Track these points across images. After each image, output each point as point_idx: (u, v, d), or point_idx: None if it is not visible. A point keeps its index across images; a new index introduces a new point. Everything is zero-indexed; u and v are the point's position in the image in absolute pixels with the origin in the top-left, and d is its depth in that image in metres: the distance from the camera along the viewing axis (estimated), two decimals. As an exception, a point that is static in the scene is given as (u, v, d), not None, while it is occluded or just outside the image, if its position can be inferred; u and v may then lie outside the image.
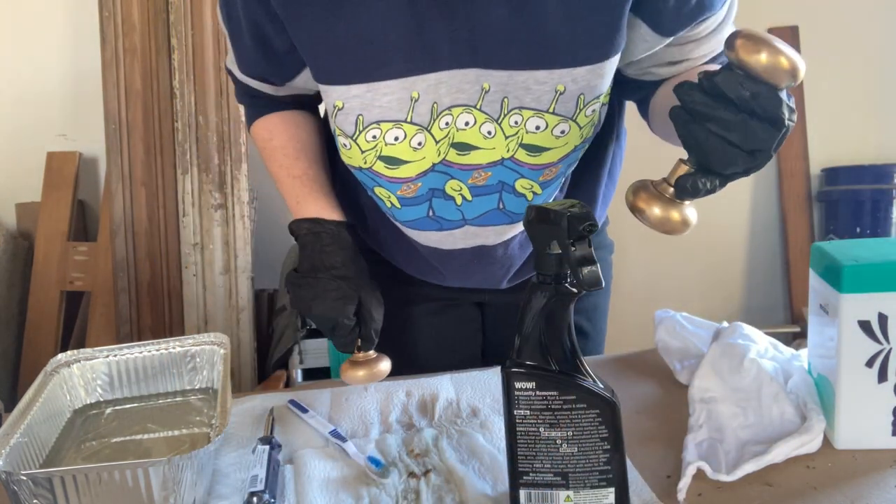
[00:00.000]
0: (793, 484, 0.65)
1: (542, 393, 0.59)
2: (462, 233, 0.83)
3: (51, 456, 0.73)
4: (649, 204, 0.60)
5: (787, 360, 0.80)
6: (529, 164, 0.77)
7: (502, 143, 0.75)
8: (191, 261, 1.98)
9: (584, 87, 0.72)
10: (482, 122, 0.74)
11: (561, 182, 0.83)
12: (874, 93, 2.36)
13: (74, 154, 2.08)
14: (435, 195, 0.80)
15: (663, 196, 0.60)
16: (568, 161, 0.79)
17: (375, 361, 0.80)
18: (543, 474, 0.60)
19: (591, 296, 1.05)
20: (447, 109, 0.73)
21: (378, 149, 0.76)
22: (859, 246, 0.70)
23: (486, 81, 0.71)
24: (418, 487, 0.66)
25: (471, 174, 0.78)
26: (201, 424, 0.79)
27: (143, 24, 1.96)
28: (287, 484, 0.68)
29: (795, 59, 0.53)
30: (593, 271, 0.58)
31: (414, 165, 0.77)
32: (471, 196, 0.79)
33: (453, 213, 0.81)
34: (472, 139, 0.75)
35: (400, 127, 0.74)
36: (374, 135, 0.75)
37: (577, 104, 0.73)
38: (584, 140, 0.78)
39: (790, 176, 2.35)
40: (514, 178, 0.78)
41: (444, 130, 0.74)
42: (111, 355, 0.84)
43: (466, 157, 0.76)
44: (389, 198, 0.82)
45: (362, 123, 0.75)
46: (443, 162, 0.77)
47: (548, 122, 0.74)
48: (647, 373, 0.88)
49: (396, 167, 0.77)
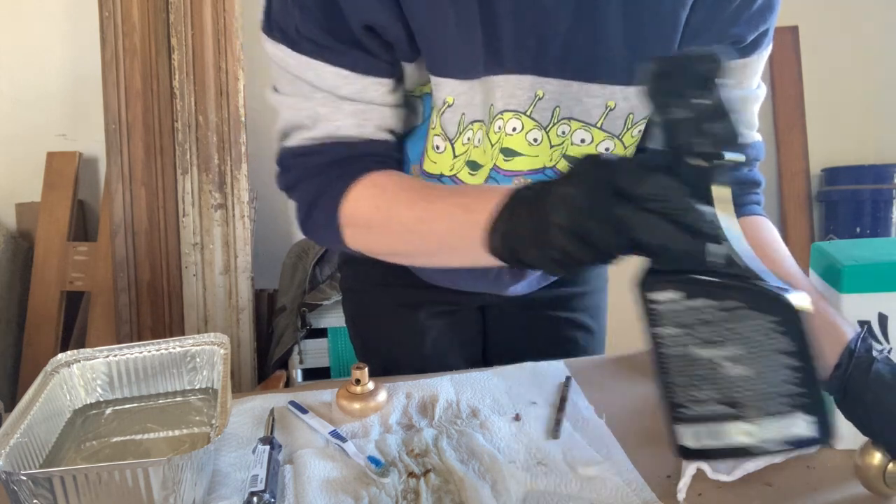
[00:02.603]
0: (793, 484, 0.65)
1: (693, 303, 0.49)
2: None
3: (51, 456, 0.73)
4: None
5: (787, 360, 0.79)
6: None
7: (546, 151, 0.76)
8: (191, 261, 1.98)
9: (634, 107, 0.72)
10: (529, 129, 0.74)
11: None
12: (874, 93, 2.36)
13: (74, 154, 2.08)
14: None
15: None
16: None
17: (372, 395, 0.80)
18: (707, 405, 0.50)
19: (592, 294, 1.05)
20: (500, 114, 0.73)
21: (468, 152, 0.76)
22: (859, 246, 0.70)
23: (541, 89, 0.71)
24: (418, 487, 0.66)
25: (511, 180, 0.78)
26: (201, 424, 0.79)
27: (143, 24, 1.96)
28: (287, 484, 0.68)
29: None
30: (728, 125, 0.47)
31: (483, 171, 0.78)
32: None
33: None
34: (517, 145, 0.75)
35: (480, 128, 0.74)
36: (468, 137, 0.75)
37: (625, 122, 0.74)
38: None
39: (790, 176, 2.35)
40: None
41: (497, 134, 0.74)
42: (111, 355, 0.84)
43: (510, 162, 0.76)
44: None
45: (463, 123, 0.74)
46: (494, 168, 0.77)
47: (594, 136, 0.74)
48: (647, 373, 0.87)
49: (476, 172, 0.78)
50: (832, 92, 2.33)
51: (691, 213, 0.48)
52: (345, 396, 0.80)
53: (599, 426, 0.75)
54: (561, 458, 0.70)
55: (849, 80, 2.34)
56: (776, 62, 2.28)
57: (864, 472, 0.61)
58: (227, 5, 1.96)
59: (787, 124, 2.32)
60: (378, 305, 1.05)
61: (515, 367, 0.89)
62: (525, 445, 0.72)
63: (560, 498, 0.64)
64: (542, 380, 0.86)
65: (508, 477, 0.66)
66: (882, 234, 2.27)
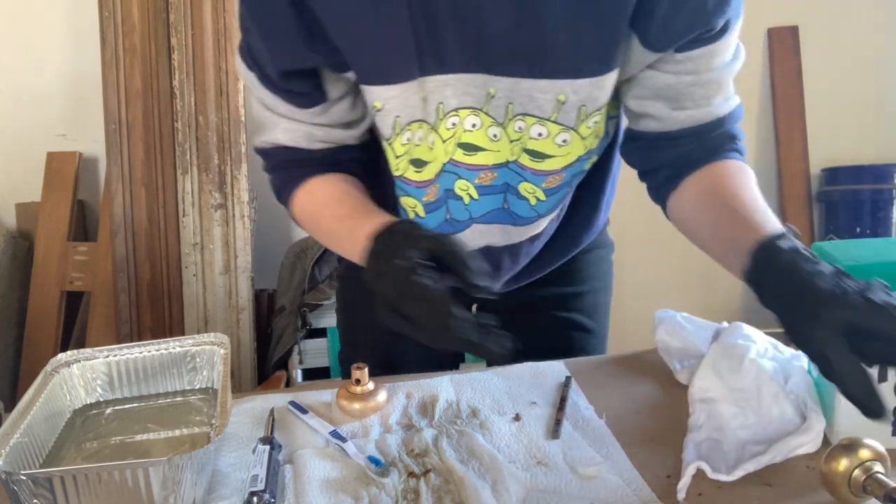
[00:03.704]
0: (793, 484, 0.65)
1: None
2: (470, 232, 0.85)
3: (51, 456, 0.73)
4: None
5: (787, 360, 0.79)
6: (532, 169, 0.78)
7: (507, 146, 0.77)
8: (191, 261, 1.98)
9: (584, 99, 0.73)
10: (489, 126, 0.75)
11: (566, 192, 0.84)
12: (874, 93, 2.36)
13: (74, 154, 2.08)
14: (449, 196, 0.82)
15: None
16: (573, 171, 0.80)
17: (372, 395, 0.80)
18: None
19: (593, 294, 1.05)
20: (454, 111, 0.74)
21: (410, 152, 0.79)
22: (859, 246, 0.70)
23: (493, 87, 0.73)
24: (418, 487, 0.66)
25: (477, 174, 0.79)
26: (201, 424, 0.79)
27: (143, 24, 1.96)
28: (287, 484, 0.68)
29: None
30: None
31: (432, 166, 0.79)
32: (477, 195, 0.81)
33: (462, 213, 0.83)
34: (478, 140, 0.76)
35: (421, 126, 0.76)
36: (407, 137, 0.78)
37: (578, 115, 0.74)
38: (589, 151, 0.79)
39: (790, 176, 2.35)
40: (517, 181, 0.80)
41: (451, 131, 0.76)
42: (111, 355, 0.84)
43: (473, 157, 0.78)
44: (416, 208, 0.84)
45: (399, 125, 0.77)
46: (451, 161, 0.78)
47: (550, 129, 0.75)
48: (647, 373, 0.88)
49: (421, 169, 0.80)
50: (832, 92, 2.33)
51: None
52: (345, 396, 0.80)
53: (599, 426, 0.75)
54: (561, 458, 0.70)
55: (849, 80, 2.34)
56: (776, 62, 2.28)
57: (829, 478, 0.60)
58: (227, 5, 1.96)
59: (787, 124, 2.32)
60: (369, 299, 1.06)
61: (515, 367, 0.89)
62: (525, 445, 0.72)
63: (560, 498, 0.64)
64: (542, 380, 0.86)
65: (508, 477, 0.66)
66: (882, 234, 2.27)
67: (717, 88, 0.77)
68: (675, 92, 0.76)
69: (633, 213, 2.30)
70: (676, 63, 0.74)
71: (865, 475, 0.58)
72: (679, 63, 0.74)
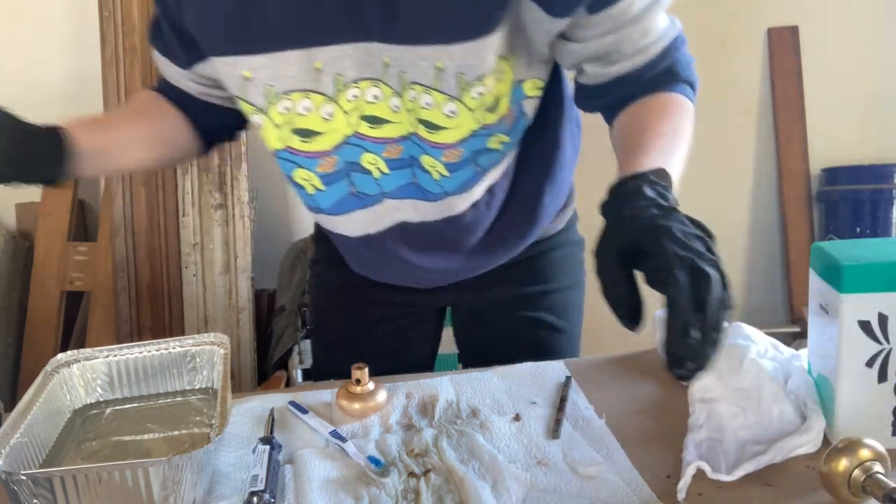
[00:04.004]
0: (793, 484, 0.65)
1: None
2: (383, 208, 0.85)
3: (51, 456, 0.73)
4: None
5: (787, 360, 0.80)
6: (429, 141, 0.78)
7: (405, 117, 0.76)
8: (191, 261, 1.98)
9: (461, 66, 0.72)
10: (390, 97, 0.75)
11: (474, 173, 0.82)
12: (874, 93, 2.36)
13: (74, 154, 2.08)
14: (353, 169, 0.81)
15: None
16: (471, 146, 0.79)
17: (372, 395, 0.80)
18: None
19: (561, 293, 1.04)
20: (353, 82, 0.74)
21: (291, 121, 0.77)
22: (859, 246, 0.70)
23: (387, 56, 0.72)
24: (418, 487, 0.66)
25: (384, 147, 0.79)
26: (201, 424, 0.79)
27: (143, 24, 1.96)
28: (287, 484, 0.68)
29: None
30: None
31: (327, 137, 0.78)
32: (387, 169, 0.81)
33: (372, 187, 0.83)
34: (381, 112, 0.76)
35: (308, 97, 0.75)
36: (286, 106, 0.76)
37: (457, 83, 0.73)
38: (486, 127, 0.78)
39: (790, 176, 2.35)
40: (419, 153, 0.79)
41: (353, 103, 0.75)
42: (111, 355, 0.84)
43: (378, 130, 0.77)
44: (311, 180, 0.82)
45: (273, 94, 0.76)
46: (355, 135, 0.78)
47: (436, 99, 0.74)
48: (647, 373, 0.88)
49: (311, 140, 0.78)
50: (832, 92, 2.33)
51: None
52: (345, 396, 0.80)
53: (599, 426, 0.75)
54: (561, 458, 0.70)
55: (849, 80, 2.33)
56: (776, 62, 2.28)
57: (828, 478, 0.60)
58: (227, 5, 1.96)
59: (787, 124, 2.32)
60: (336, 303, 1.08)
61: (515, 367, 0.89)
62: (525, 445, 0.72)
63: (560, 498, 0.64)
64: (542, 380, 0.86)
65: (508, 477, 0.66)
66: (882, 234, 2.26)
67: (643, 34, 0.74)
68: (603, 53, 0.75)
69: (633, 213, 2.30)
70: (594, 26, 0.73)
71: (865, 475, 0.58)
72: (597, 25, 0.73)
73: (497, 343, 1.05)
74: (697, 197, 2.35)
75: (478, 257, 0.94)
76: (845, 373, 0.68)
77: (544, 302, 1.03)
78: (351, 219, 0.87)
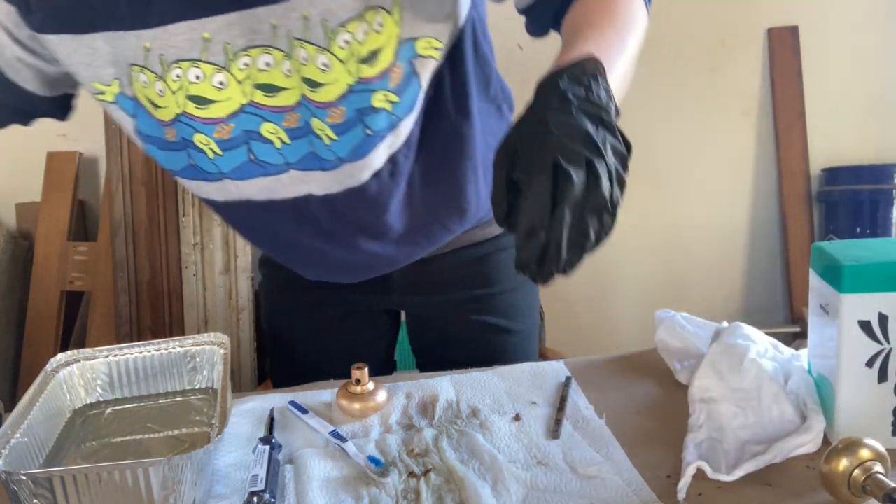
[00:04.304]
0: (793, 484, 0.65)
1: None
2: (288, 178, 0.83)
3: (51, 456, 0.73)
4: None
5: (787, 360, 0.80)
6: (314, 102, 0.76)
7: (296, 81, 0.75)
8: (191, 261, 1.98)
9: (323, 12, 0.71)
10: (281, 61, 0.73)
11: (363, 134, 0.80)
12: (874, 93, 2.36)
13: (74, 154, 2.08)
14: (252, 137, 0.80)
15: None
16: (353, 104, 0.77)
17: (372, 395, 0.80)
18: None
19: (508, 294, 1.03)
20: (244, 50, 0.73)
21: (184, 88, 0.76)
22: (859, 246, 0.70)
23: (273, 18, 0.71)
24: (418, 487, 0.66)
25: (283, 116, 0.77)
26: (201, 424, 0.79)
27: None
28: (287, 484, 0.68)
29: None
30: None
31: (222, 105, 0.77)
32: (288, 139, 0.79)
33: (274, 157, 0.81)
34: (275, 80, 0.75)
35: (197, 66, 0.74)
36: (177, 74, 0.75)
37: (324, 32, 0.72)
38: (364, 82, 0.75)
39: (790, 176, 2.35)
40: (309, 117, 0.77)
41: (245, 71, 0.74)
42: (111, 355, 0.84)
43: (274, 98, 0.76)
44: (209, 144, 0.81)
45: (166, 63, 0.74)
46: (251, 104, 0.76)
47: (309, 52, 0.73)
48: (647, 373, 0.88)
49: (205, 107, 0.77)
50: (832, 92, 2.33)
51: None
52: (345, 396, 0.80)
53: (599, 426, 0.75)
54: (561, 458, 0.70)
55: (849, 80, 2.33)
56: (776, 62, 2.28)
57: (829, 478, 0.60)
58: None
59: (787, 124, 2.32)
60: (286, 304, 1.08)
61: (515, 367, 0.89)
62: (525, 445, 0.72)
63: (560, 498, 0.64)
64: (542, 380, 0.86)
65: (509, 477, 0.66)
66: (882, 234, 2.26)
67: None
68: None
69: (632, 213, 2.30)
70: None
71: (865, 475, 0.58)
72: None
73: (449, 348, 1.05)
74: (697, 197, 2.36)
75: (403, 246, 0.92)
76: (845, 373, 0.68)
77: (491, 305, 1.02)
78: (254, 183, 0.84)
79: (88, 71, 0.77)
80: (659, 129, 2.26)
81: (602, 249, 0.57)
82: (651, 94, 2.22)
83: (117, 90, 0.78)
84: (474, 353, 0.99)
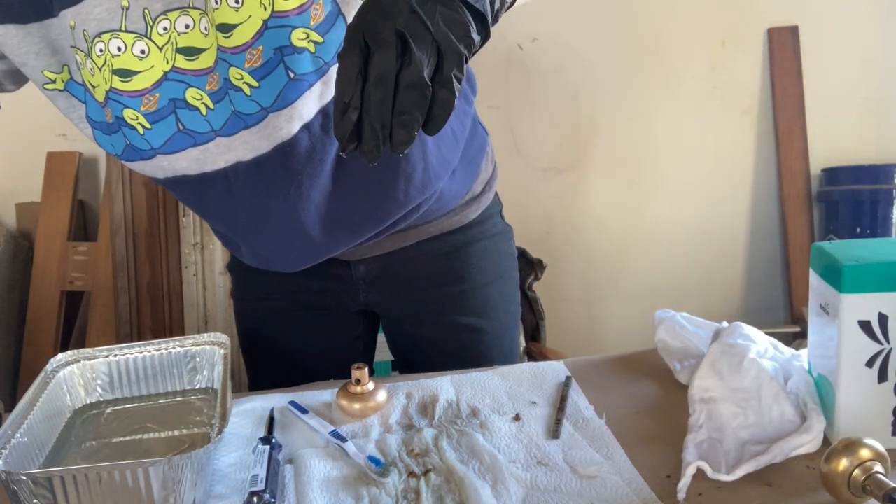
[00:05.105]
0: (793, 484, 0.65)
1: None
2: (216, 146, 0.80)
3: (51, 456, 0.73)
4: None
5: (787, 360, 0.80)
6: (228, 49, 0.73)
7: (213, 37, 0.73)
8: (191, 261, 1.98)
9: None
10: (199, 20, 0.72)
11: (285, 78, 0.76)
12: (874, 93, 2.36)
13: (74, 154, 2.08)
14: (178, 106, 0.78)
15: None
16: (270, 42, 0.74)
17: (372, 395, 0.80)
18: None
19: (480, 290, 1.01)
20: (162, 14, 0.72)
21: (108, 62, 0.75)
22: (859, 246, 0.70)
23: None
24: (418, 487, 0.66)
25: (206, 80, 0.76)
26: (201, 424, 0.79)
27: None
28: (287, 484, 0.68)
29: None
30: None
31: (146, 75, 0.76)
32: (212, 104, 0.77)
33: (201, 125, 0.79)
34: (194, 41, 0.73)
35: (118, 37, 0.73)
36: (100, 48, 0.74)
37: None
38: (280, 16, 0.72)
39: (790, 176, 2.35)
40: (227, 70, 0.75)
41: (164, 36, 0.73)
42: (111, 355, 0.84)
43: (195, 62, 0.75)
44: (138, 119, 0.79)
45: (89, 38, 0.74)
46: (174, 70, 0.75)
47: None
48: (647, 373, 0.88)
49: (129, 79, 0.76)
50: (832, 92, 2.33)
51: None
52: (345, 396, 0.80)
53: (599, 426, 0.75)
54: (561, 458, 0.70)
55: (849, 80, 2.34)
56: (776, 62, 2.28)
57: (829, 478, 0.60)
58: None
59: (787, 124, 2.32)
60: (259, 311, 1.06)
61: (515, 367, 0.89)
62: (525, 445, 0.72)
63: (560, 498, 0.64)
64: (542, 380, 0.86)
65: (509, 477, 0.66)
66: (882, 234, 2.26)
67: None
68: None
69: (632, 213, 2.30)
70: None
71: (865, 475, 0.58)
72: None
73: (420, 350, 1.03)
74: (697, 197, 2.36)
75: (340, 221, 0.87)
76: (845, 373, 0.68)
77: (463, 303, 1.00)
78: (186, 156, 0.82)
79: (38, 60, 0.76)
80: (659, 129, 2.26)
81: (602, 250, 0.56)
82: (651, 94, 2.22)
83: (67, 77, 0.78)
84: (445, 354, 0.97)
